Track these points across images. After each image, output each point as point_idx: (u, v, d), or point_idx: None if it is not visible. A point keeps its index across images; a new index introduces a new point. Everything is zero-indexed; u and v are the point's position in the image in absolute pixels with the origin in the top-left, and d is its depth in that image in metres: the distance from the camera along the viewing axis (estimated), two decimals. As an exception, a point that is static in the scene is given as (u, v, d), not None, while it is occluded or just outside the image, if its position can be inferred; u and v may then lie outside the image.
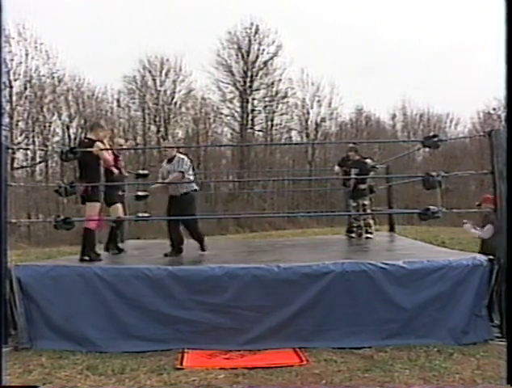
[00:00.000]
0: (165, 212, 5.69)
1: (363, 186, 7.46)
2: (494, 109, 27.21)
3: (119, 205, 5.34)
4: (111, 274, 4.36)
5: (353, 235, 7.87)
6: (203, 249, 5.78)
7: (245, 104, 29.16)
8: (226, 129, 30.08)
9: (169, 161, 5.66)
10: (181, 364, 3.75)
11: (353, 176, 7.44)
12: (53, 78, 23.88)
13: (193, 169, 5.92)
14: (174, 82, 28.01)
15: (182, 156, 5.66)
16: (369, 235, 7.63)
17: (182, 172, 5.50)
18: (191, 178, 5.66)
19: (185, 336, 4.16)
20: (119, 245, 6.14)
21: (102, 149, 5.15)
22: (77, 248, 5.34)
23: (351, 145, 8.17)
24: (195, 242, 5.83)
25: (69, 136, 24.94)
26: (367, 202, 7.56)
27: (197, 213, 5.79)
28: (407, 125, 32.61)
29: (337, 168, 8.30)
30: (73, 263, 4.89)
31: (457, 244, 10.01)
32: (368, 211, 7.62)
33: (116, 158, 5.74)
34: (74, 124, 25.26)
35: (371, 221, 7.81)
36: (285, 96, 29.64)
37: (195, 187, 5.69)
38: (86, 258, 5.06)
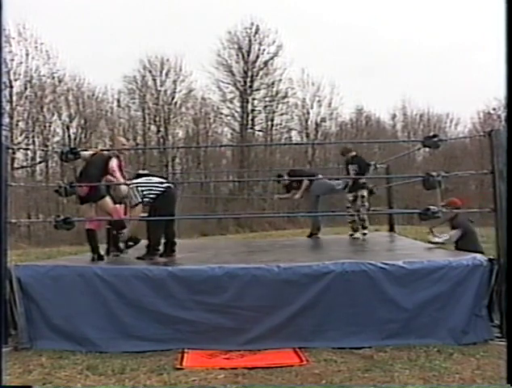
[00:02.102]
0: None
1: (363, 180, 7.42)
2: (494, 109, 27.25)
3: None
4: (111, 274, 4.36)
5: (356, 236, 7.80)
6: (148, 252, 5.27)
7: (245, 104, 29.18)
8: (226, 129, 30.16)
9: None
10: (181, 364, 3.74)
11: (352, 173, 7.47)
12: (53, 77, 23.94)
13: (161, 177, 5.76)
14: (175, 82, 28.07)
15: (134, 183, 5.44)
16: (365, 231, 7.60)
17: (136, 204, 5.34)
18: (155, 186, 5.41)
19: (185, 336, 4.15)
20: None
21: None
22: (77, 248, 5.33)
23: (343, 148, 8.21)
24: (192, 242, 5.79)
25: (69, 136, 24.98)
26: (365, 193, 7.44)
27: (175, 213, 5.59)
28: (407, 125, 32.63)
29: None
30: (73, 263, 4.89)
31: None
32: (366, 204, 7.49)
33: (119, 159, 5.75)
34: (74, 124, 25.30)
35: (366, 217, 7.71)
36: (285, 96, 29.70)
37: (158, 190, 5.37)
38: (118, 253, 5.16)
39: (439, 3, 41.47)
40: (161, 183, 5.53)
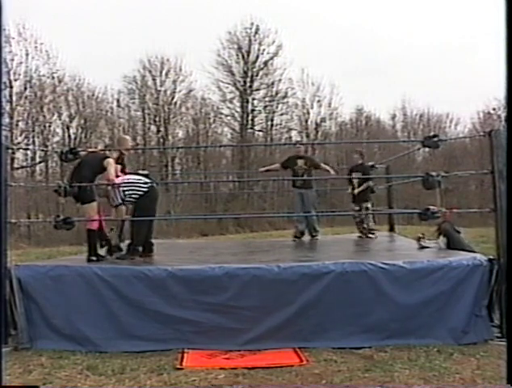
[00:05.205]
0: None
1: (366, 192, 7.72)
2: (494, 109, 27.21)
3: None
4: (111, 274, 4.36)
5: (371, 236, 7.93)
6: (128, 251, 5.31)
7: (245, 104, 29.15)
8: (226, 129, 30.10)
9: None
10: (181, 364, 3.75)
11: (355, 181, 7.69)
12: (53, 78, 23.86)
13: (146, 176, 5.73)
14: (174, 82, 28.00)
15: (116, 184, 5.30)
16: (370, 235, 7.82)
17: (118, 205, 5.35)
18: (141, 184, 5.37)
19: (185, 336, 4.16)
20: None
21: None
22: (77, 248, 5.34)
23: (358, 148, 8.47)
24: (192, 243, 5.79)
25: (69, 136, 24.94)
26: (369, 205, 7.81)
27: (154, 214, 5.53)
28: (407, 125, 32.58)
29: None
30: (74, 263, 4.89)
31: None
32: (370, 214, 7.88)
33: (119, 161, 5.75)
34: (74, 124, 25.24)
35: (372, 224, 8.02)
36: (285, 96, 29.63)
37: (142, 189, 5.33)
38: (94, 258, 5.08)
39: (439, 3, 41.46)
40: (145, 183, 5.44)
